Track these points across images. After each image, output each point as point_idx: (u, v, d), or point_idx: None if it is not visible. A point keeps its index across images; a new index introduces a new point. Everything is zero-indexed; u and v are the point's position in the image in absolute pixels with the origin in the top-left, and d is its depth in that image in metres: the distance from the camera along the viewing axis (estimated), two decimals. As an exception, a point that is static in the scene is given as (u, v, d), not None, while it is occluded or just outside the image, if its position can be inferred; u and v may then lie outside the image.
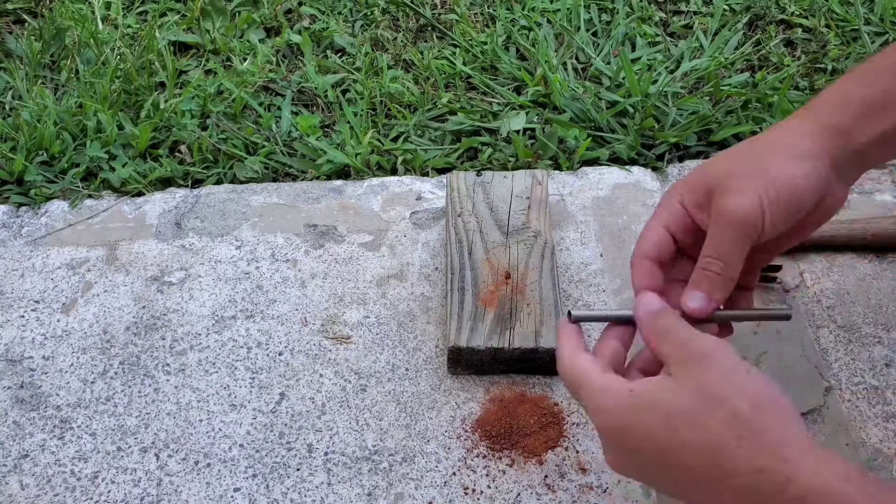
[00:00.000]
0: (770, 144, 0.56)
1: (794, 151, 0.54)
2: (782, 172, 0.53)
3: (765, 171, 0.53)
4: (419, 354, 0.72)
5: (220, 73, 1.05)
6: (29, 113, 0.96)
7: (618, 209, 0.86)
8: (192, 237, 0.84)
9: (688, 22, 1.14)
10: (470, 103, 1.01)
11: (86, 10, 1.15)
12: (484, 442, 0.66)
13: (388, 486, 0.63)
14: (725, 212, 0.53)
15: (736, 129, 0.94)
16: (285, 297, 0.77)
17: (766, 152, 0.55)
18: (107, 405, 0.69)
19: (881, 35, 1.11)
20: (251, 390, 0.70)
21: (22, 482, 0.64)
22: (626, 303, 0.76)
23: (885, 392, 0.69)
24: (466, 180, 0.82)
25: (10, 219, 0.87)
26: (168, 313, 0.76)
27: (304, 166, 0.93)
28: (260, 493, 0.63)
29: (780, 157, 0.54)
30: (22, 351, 0.74)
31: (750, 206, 0.52)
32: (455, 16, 1.15)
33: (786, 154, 0.54)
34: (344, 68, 1.07)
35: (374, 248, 0.82)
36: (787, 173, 0.53)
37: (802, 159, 0.54)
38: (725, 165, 0.56)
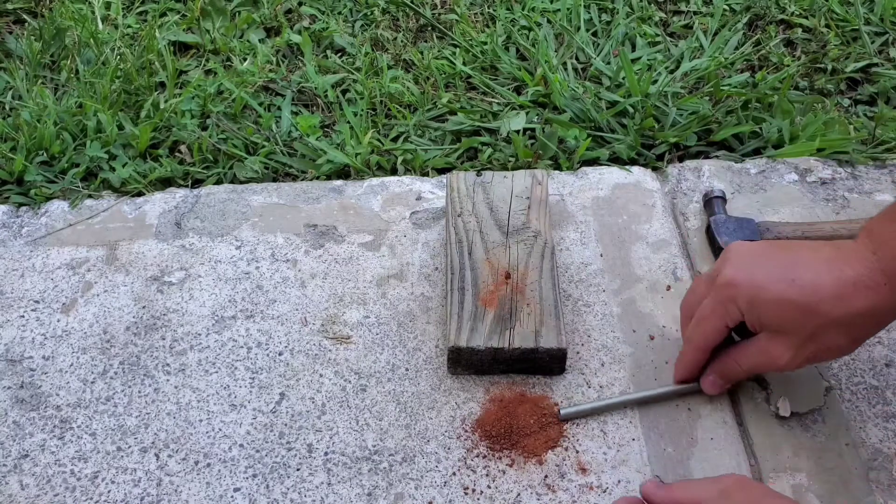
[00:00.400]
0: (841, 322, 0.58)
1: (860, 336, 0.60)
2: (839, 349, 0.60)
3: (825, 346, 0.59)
4: (419, 354, 0.72)
5: (220, 73, 1.05)
6: (29, 113, 0.96)
7: (618, 209, 0.86)
8: (192, 237, 0.84)
9: (688, 22, 1.14)
10: (470, 103, 1.01)
11: (86, 10, 1.15)
12: (484, 442, 0.66)
13: (388, 486, 0.63)
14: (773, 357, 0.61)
15: (736, 129, 0.94)
16: (285, 297, 0.77)
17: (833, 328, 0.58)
18: (107, 405, 0.69)
19: (881, 35, 1.11)
20: (251, 390, 0.70)
21: (22, 482, 0.64)
22: (626, 303, 0.76)
23: (885, 392, 0.69)
24: (466, 180, 0.82)
25: (10, 219, 0.87)
26: (168, 313, 0.76)
27: (304, 166, 0.93)
28: (260, 493, 0.63)
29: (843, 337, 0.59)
30: (22, 351, 0.74)
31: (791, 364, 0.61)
32: (455, 16, 1.15)
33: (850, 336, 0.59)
34: (344, 68, 1.07)
35: (374, 248, 0.82)
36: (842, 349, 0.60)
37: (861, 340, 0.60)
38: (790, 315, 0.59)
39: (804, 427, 0.67)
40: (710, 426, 0.67)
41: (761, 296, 0.60)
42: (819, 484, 0.63)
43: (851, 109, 1.01)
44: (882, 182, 0.88)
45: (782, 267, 0.60)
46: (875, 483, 0.63)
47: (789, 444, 0.66)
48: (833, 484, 0.63)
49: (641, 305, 0.76)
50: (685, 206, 0.86)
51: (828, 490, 0.63)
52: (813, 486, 0.63)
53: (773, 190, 0.87)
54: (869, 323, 0.59)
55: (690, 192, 0.88)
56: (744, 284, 0.61)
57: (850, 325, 0.58)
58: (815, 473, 0.64)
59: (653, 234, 0.83)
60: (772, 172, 0.90)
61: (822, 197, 0.87)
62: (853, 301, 0.57)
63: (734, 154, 0.93)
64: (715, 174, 0.89)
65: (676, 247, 0.81)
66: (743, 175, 0.89)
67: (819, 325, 0.59)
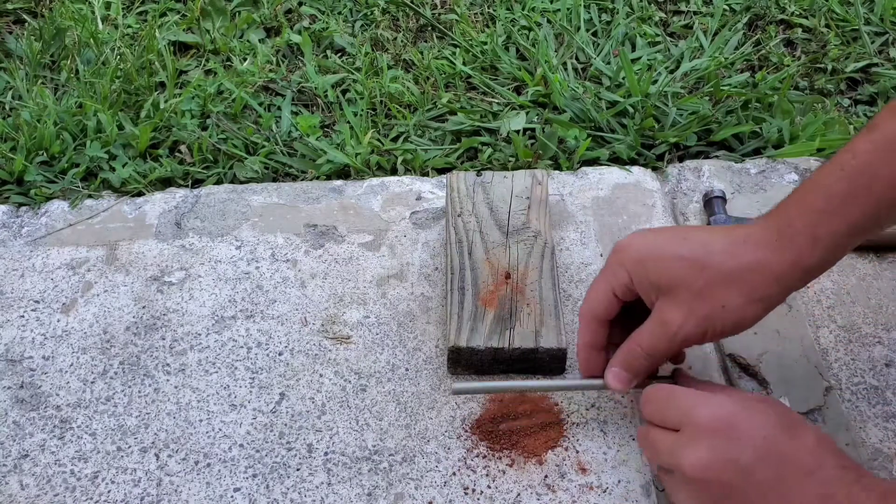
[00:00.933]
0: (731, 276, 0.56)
1: (754, 295, 0.56)
2: (734, 312, 0.56)
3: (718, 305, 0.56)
4: (419, 354, 0.72)
5: (220, 73, 1.05)
6: (29, 113, 0.96)
7: (618, 209, 0.86)
8: (192, 237, 0.84)
9: (688, 22, 1.14)
10: (470, 103, 1.01)
11: (86, 10, 1.15)
12: (484, 442, 0.66)
13: (388, 486, 0.63)
14: (667, 322, 0.58)
15: (736, 129, 0.94)
16: (285, 297, 0.77)
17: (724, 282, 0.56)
18: (107, 405, 0.69)
19: (881, 35, 1.11)
20: (251, 390, 0.70)
21: (22, 482, 0.64)
22: (626, 303, 0.76)
23: (885, 392, 0.69)
24: (466, 180, 0.82)
25: (10, 219, 0.87)
26: (168, 313, 0.76)
27: (304, 166, 0.93)
28: (260, 493, 0.63)
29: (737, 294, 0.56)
30: (22, 351, 0.74)
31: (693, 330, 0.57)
32: (455, 16, 1.15)
33: (744, 295, 0.56)
34: (344, 68, 1.07)
35: (374, 248, 0.82)
36: (738, 314, 0.57)
37: (758, 303, 0.57)
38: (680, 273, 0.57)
39: (804, 427, 0.67)
40: (710, 426, 0.66)
41: (650, 254, 0.59)
42: (819, 484, 0.63)
43: (851, 109, 1.01)
44: (882, 182, 0.88)
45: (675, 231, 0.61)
46: (875, 483, 0.63)
47: (789, 444, 0.65)
48: (833, 484, 0.63)
49: (641, 305, 0.76)
50: (685, 206, 0.86)
51: (828, 490, 0.62)
52: (813, 486, 0.63)
53: (773, 190, 0.87)
54: (761, 279, 0.56)
55: (690, 192, 0.88)
56: (632, 245, 0.60)
57: (741, 279, 0.56)
58: (815, 473, 0.64)
59: (653, 234, 0.83)
60: (772, 172, 0.90)
61: (822, 197, 0.87)
62: (742, 254, 0.56)
63: (734, 154, 0.93)
64: (715, 174, 0.89)
65: (676, 247, 0.81)
66: (743, 175, 0.89)
67: (709, 279, 0.56)
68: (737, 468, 0.51)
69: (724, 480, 0.52)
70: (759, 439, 0.52)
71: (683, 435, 0.54)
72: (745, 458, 0.52)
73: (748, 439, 0.52)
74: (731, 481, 0.52)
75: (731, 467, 0.52)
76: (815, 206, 0.56)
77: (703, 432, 0.53)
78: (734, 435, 0.52)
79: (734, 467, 0.52)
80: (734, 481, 0.52)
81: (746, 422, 0.53)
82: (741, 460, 0.52)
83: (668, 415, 0.56)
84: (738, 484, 0.52)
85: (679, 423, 0.55)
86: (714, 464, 0.52)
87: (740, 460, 0.52)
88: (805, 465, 0.51)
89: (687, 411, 0.55)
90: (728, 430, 0.53)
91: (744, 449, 0.52)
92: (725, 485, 0.52)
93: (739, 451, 0.52)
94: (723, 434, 0.53)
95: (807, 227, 0.56)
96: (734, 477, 0.52)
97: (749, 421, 0.53)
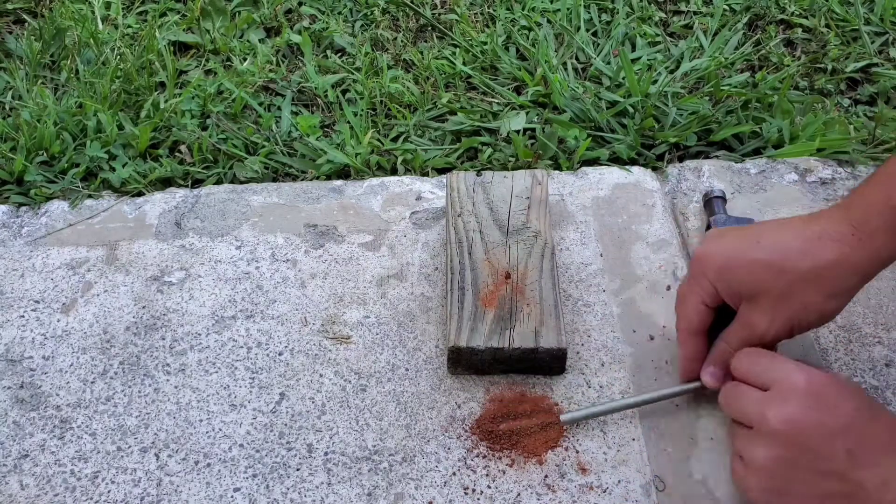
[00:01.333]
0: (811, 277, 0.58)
1: (835, 291, 0.58)
2: (817, 309, 0.59)
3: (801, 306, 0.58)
4: (419, 354, 0.72)
5: (220, 73, 1.05)
6: (29, 113, 0.96)
7: (618, 209, 0.86)
8: (192, 237, 0.84)
9: (688, 22, 1.14)
10: (470, 103, 1.01)
11: (86, 10, 1.15)
12: (484, 442, 0.66)
13: (388, 486, 0.63)
14: (753, 325, 0.60)
15: (736, 129, 0.94)
16: (285, 297, 0.77)
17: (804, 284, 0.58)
18: (107, 405, 0.69)
19: (881, 35, 1.11)
20: (251, 390, 0.70)
21: (22, 482, 0.64)
22: (626, 303, 0.76)
23: (885, 392, 0.69)
24: (466, 180, 0.82)
25: (10, 219, 0.87)
26: (168, 313, 0.76)
27: (304, 166, 0.93)
28: (260, 493, 0.63)
29: (817, 293, 0.58)
30: (22, 351, 0.74)
31: (780, 331, 0.60)
32: (455, 16, 1.15)
33: (825, 293, 0.58)
34: (344, 68, 1.07)
35: (374, 248, 0.82)
36: (821, 310, 0.59)
37: (840, 297, 0.59)
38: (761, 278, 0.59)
39: (804, 427, 0.67)
40: (710, 426, 0.67)
41: (729, 263, 0.61)
42: (819, 484, 0.63)
43: (851, 109, 1.01)
44: (882, 182, 0.88)
45: (747, 234, 0.62)
46: (875, 483, 0.63)
47: (789, 444, 0.65)
48: (833, 484, 0.63)
49: (641, 305, 0.76)
50: (685, 206, 0.86)
51: (828, 490, 0.62)
52: (813, 486, 0.63)
53: (773, 190, 0.87)
54: (840, 275, 0.58)
55: (690, 192, 0.88)
56: (711, 255, 0.62)
57: (820, 278, 0.58)
58: (815, 473, 0.64)
59: (653, 234, 0.83)
60: (772, 172, 0.90)
61: (822, 197, 0.87)
62: (819, 253, 0.58)
63: (734, 154, 0.93)
64: (715, 174, 0.89)
65: (676, 247, 0.81)
66: (743, 175, 0.89)
67: (789, 282, 0.58)
68: (823, 431, 0.53)
69: (806, 440, 0.53)
70: (850, 410, 0.53)
71: (776, 392, 0.56)
72: (833, 424, 0.53)
73: (839, 408, 0.53)
74: (812, 443, 0.53)
75: (818, 429, 0.53)
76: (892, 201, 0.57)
77: (797, 392, 0.55)
78: (827, 401, 0.54)
79: (821, 430, 0.53)
80: (815, 444, 0.53)
81: (839, 392, 0.54)
82: (829, 424, 0.53)
83: (762, 374, 0.58)
84: (818, 447, 0.53)
85: (772, 382, 0.56)
86: (803, 422, 0.53)
87: (828, 424, 0.53)
88: (886, 445, 0.52)
89: (783, 372, 0.56)
90: (821, 395, 0.54)
91: (834, 416, 0.53)
92: (805, 446, 0.53)
93: (829, 417, 0.53)
94: (816, 397, 0.54)
95: (886, 221, 0.57)
96: (817, 439, 0.53)
97: (841, 392, 0.54)
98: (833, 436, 0.53)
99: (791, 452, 0.54)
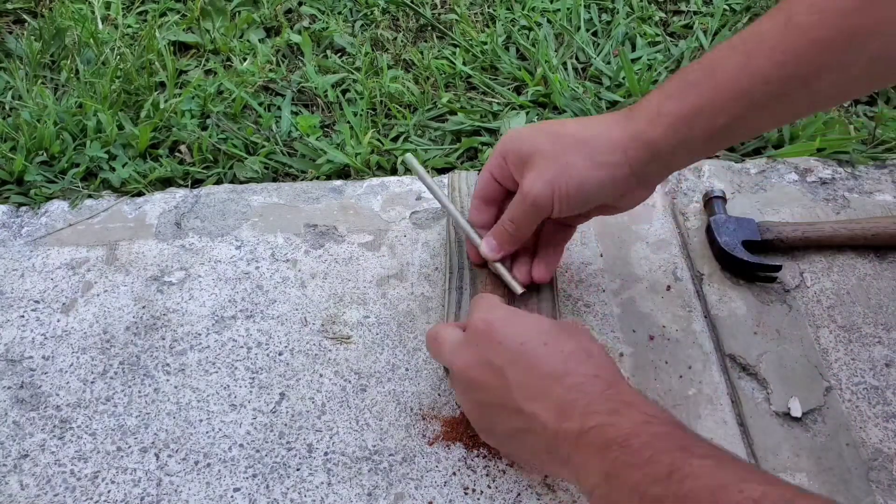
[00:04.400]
0: (579, 140, 0.63)
1: (597, 158, 0.63)
2: (579, 173, 0.62)
3: (565, 165, 0.63)
4: (419, 354, 0.72)
5: (220, 73, 1.05)
6: (29, 113, 0.96)
7: (618, 209, 0.85)
8: (192, 237, 0.84)
9: (688, 22, 1.14)
10: (470, 103, 1.01)
11: (86, 10, 1.15)
12: (484, 442, 0.66)
13: (388, 486, 0.63)
14: (524, 189, 0.64)
15: (736, 129, 0.94)
16: (285, 297, 0.77)
17: (572, 146, 0.63)
18: (107, 405, 0.69)
19: (881, 35, 1.11)
20: (251, 390, 0.70)
21: (22, 482, 0.64)
22: (626, 303, 0.76)
23: (885, 392, 0.69)
24: (468, 180, 0.82)
25: (10, 219, 0.87)
26: (168, 313, 0.76)
27: (304, 166, 0.93)
28: (260, 493, 0.63)
29: (582, 157, 0.63)
30: (22, 351, 0.74)
31: (541, 191, 0.63)
32: (455, 16, 1.15)
33: (589, 158, 0.62)
34: (344, 68, 1.07)
35: (374, 248, 0.82)
36: (582, 175, 0.62)
37: (601, 168, 0.62)
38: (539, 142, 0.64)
39: (804, 427, 0.67)
40: (710, 426, 0.67)
41: (519, 135, 0.66)
42: (819, 484, 0.63)
43: (851, 109, 1.01)
44: (882, 182, 0.88)
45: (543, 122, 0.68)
46: (875, 483, 0.63)
47: (789, 445, 0.66)
48: (833, 484, 0.63)
49: (641, 305, 0.76)
50: (685, 206, 0.86)
51: (828, 490, 0.63)
52: (813, 486, 0.63)
53: (773, 190, 0.87)
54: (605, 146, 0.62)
55: (690, 191, 0.88)
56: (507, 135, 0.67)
57: (586, 144, 0.62)
58: (815, 473, 0.64)
59: (653, 234, 0.83)
60: (772, 172, 0.90)
61: (823, 197, 0.87)
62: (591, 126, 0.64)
63: (734, 154, 0.93)
64: (715, 174, 0.89)
65: (676, 247, 0.81)
66: (743, 175, 0.89)
67: (561, 145, 0.63)
68: (492, 369, 0.56)
69: (481, 379, 0.57)
70: (515, 345, 0.56)
71: (463, 336, 0.60)
72: (499, 361, 0.56)
73: (505, 344, 0.56)
74: (486, 381, 0.57)
75: (487, 369, 0.56)
76: (665, 90, 0.62)
77: (472, 335, 0.59)
78: (495, 339, 0.57)
79: (490, 369, 0.56)
80: (490, 381, 0.56)
81: (508, 328, 0.57)
82: (495, 362, 0.56)
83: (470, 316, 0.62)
84: (493, 383, 0.56)
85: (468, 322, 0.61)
86: (474, 364, 0.58)
87: (494, 362, 0.56)
88: (554, 370, 0.54)
89: (472, 315, 0.61)
90: (489, 334, 0.57)
91: (499, 352, 0.56)
92: (482, 383, 0.57)
93: (494, 354, 0.56)
94: (485, 337, 0.58)
95: (651, 105, 0.62)
96: (490, 377, 0.56)
97: (511, 328, 0.57)
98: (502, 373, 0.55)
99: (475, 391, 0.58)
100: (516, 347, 0.56)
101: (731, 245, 0.78)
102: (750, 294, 0.77)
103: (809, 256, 0.80)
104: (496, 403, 0.56)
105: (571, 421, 0.51)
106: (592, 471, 0.49)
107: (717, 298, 0.77)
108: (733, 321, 0.75)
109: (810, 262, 0.80)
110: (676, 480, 0.44)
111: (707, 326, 0.74)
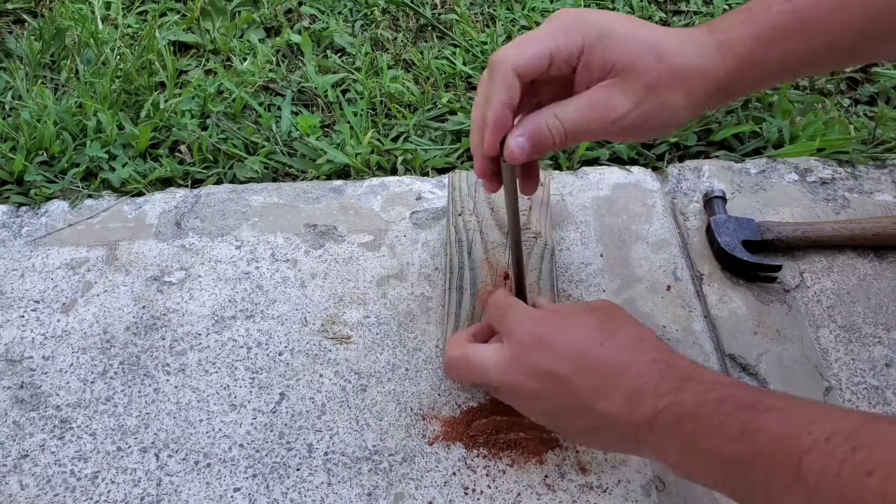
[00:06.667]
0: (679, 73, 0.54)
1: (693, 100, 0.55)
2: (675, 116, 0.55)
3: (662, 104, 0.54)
4: (419, 354, 0.72)
5: (220, 73, 1.05)
6: (29, 113, 0.96)
7: (618, 209, 0.85)
8: (192, 237, 0.84)
9: (688, 22, 1.14)
10: (470, 103, 1.01)
11: (86, 10, 1.15)
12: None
13: (388, 486, 0.63)
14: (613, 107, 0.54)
15: (736, 129, 0.94)
16: (285, 297, 0.77)
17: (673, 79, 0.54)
18: (107, 405, 0.69)
19: (881, 35, 1.11)
20: (251, 390, 0.70)
21: (22, 482, 0.64)
22: (626, 303, 0.76)
23: (885, 392, 0.69)
24: (468, 180, 0.82)
25: (10, 219, 0.87)
26: (168, 313, 0.76)
27: (304, 166, 0.93)
28: (260, 493, 0.63)
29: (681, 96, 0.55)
30: (22, 351, 0.74)
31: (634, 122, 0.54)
32: (455, 16, 1.15)
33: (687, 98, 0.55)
34: (344, 68, 1.07)
35: (374, 248, 0.82)
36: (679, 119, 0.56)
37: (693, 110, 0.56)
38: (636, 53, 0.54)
39: (804, 427, 0.67)
40: (710, 426, 0.67)
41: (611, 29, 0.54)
42: (819, 484, 0.63)
43: (851, 109, 1.01)
44: (882, 182, 0.88)
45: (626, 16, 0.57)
46: (875, 483, 0.63)
47: (789, 444, 0.65)
48: (833, 484, 0.63)
49: (641, 305, 0.76)
50: (685, 206, 0.86)
51: (828, 490, 0.62)
52: (813, 486, 0.63)
53: (773, 190, 0.87)
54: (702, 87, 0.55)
55: (690, 192, 0.88)
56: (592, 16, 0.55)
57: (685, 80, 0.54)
58: (815, 473, 0.64)
59: (653, 234, 0.83)
60: (772, 172, 0.90)
61: (823, 197, 0.87)
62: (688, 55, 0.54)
63: (734, 154, 0.93)
64: (715, 174, 0.89)
65: (676, 247, 0.81)
66: (743, 175, 0.89)
67: (662, 73, 0.54)
68: (556, 379, 0.55)
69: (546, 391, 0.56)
70: (575, 353, 0.55)
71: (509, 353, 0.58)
72: (563, 371, 0.55)
73: (565, 355, 0.56)
74: (552, 391, 0.56)
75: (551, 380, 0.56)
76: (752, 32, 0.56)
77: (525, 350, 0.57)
78: (551, 351, 0.56)
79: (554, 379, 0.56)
80: (556, 390, 0.56)
81: (562, 338, 0.56)
82: (559, 372, 0.55)
83: (502, 324, 0.61)
84: (560, 392, 0.55)
85: (508, 335, 0.59)
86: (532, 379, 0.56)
87: (558, 372, 0.55)
88: (617, 366, 0.54)
89: (513, 326, 0.59)
90: (544, 348, 0.56)
91: (560, 363, 0.55)
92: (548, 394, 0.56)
93: (556, 365, 0.55)
94: (540, 351, 0.56)
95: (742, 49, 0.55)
96: (556, 387, 0.56)
97: (564, 337, 0.56)
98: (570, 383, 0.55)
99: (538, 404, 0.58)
100: (577, 355, 0.55)
101: (731, 245, 0.78)
102: (750, 294, 0.77)
103: (809, 256, 0.80)
104: (565, 409, 0.56)
105: (642, 408, 0.52)
106: (671, 448, 0.50)
107: (717, 298, 0.77)
108: (733, 321, 0.75)
109: (810, 262, 0.80)
110: (749, 437, 0.45)
111: (707, 326, 0.74)
